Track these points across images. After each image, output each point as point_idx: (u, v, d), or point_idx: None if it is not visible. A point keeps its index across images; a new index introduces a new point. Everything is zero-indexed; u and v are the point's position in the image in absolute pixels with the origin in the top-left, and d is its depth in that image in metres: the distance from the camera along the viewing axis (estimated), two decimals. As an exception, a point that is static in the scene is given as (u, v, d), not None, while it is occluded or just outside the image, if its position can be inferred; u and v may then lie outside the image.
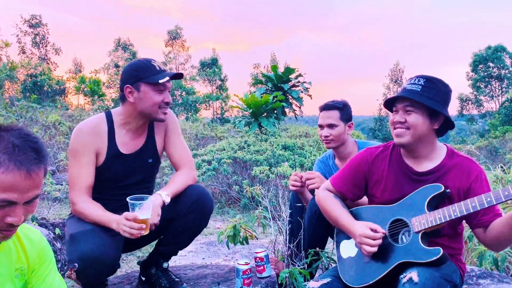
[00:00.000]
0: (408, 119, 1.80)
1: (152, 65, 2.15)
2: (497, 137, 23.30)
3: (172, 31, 43.07)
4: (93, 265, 1.87)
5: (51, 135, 10.70)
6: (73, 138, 2.15)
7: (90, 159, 2.14)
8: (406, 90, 1.81)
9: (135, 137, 2.25)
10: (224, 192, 8.25)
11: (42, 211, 5.20)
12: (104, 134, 2.18)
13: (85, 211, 2.06)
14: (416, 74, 1.86)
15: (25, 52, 35.90)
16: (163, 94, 2.15)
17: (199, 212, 2.20)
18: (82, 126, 2.18)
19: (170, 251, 2.31)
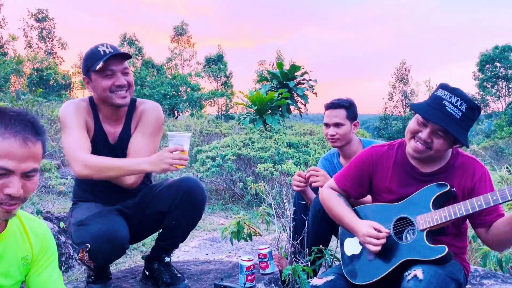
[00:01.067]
0: (435, 142, 1.72)
1: (98, 51, 2.11)
2: (503, 138, 23.17)
3: (178, 27, 43.07)
4: (107, 242, 1.90)
5: (57, 130, 10.75)
6: (62, 112, 2.16)
7: (81, 126, 2.13)
8: (445, 113, 1.67)
9: (112, 124, 2.26)
10: (228, 188, 8.26)
11: (46, 204, 5.23)
12: (90, 112, 2.21)
13: (101, 160, 2.01)
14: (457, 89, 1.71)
15: (31, 46, 36.01)
16: (112, 78, 2.10)
17: (190, 205, 2.18)
18: (66, 103, 2.21)
19: (169, 245, 2.32)
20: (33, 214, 4.22)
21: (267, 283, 2.33)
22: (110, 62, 2.10)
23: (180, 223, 2.22)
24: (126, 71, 2.15)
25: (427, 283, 1.52)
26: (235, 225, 2.75)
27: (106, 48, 2.13)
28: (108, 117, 2.24)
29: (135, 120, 2.28)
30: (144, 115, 2.27)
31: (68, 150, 2.06)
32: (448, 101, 1.69)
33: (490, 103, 39.70)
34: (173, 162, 1.91)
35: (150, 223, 2.28)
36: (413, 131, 1.79)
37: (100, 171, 2.00)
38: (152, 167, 1.95)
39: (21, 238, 1.38)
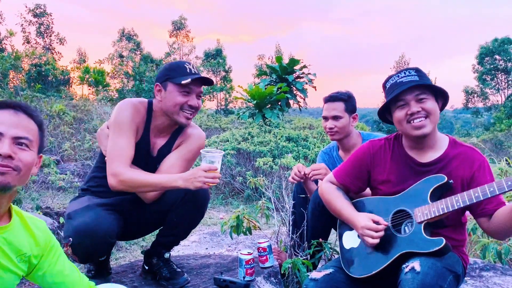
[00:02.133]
0: (425, 106, 1.78)
1: (184, 66, 2.16)
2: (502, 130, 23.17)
3: (176, 21, 42.88)
4: (87, 237, 1.90)
5: (56, 125, 10.74)
6: (117, 112, 2.16)
7: (132, 134, 2.15)
8: (409, 82, 1.80)
9: (158, 136, 2.27)
10: (227, 183, 8.27)
11: (46, 200, 5.24)
12: (144, 117, 2.22)
13: (135, 177, 2.04)
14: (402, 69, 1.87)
15: (29, 41, 35.85)
16: (187, 97, 2.14)
17: (192, 204, 2.18)
18: (126, 101, 2.21)
19: (170, 242, 2.32)
20: (33, 210, 4.23)
21: (267, 277, 2.34)
22: (192, 82, 2.13)
23: (182, 221, 2.22)
24: (200, 95, 2.20)
25: (424, 275, 1.52)
26: (234, 219, 2.76)
27: (192, 68, 2.18)
28: (159, 129, 2.25)
29: (179, 140, 2.29)
30: (189, 140, 2.29)
31: (110, 155, 2.10)
32: (399, 78, 1.84)
33: (489, 96, 39.63)
34: (206, 180, 1.97)
35: (151, 220, 2.28)
36: (402, 117, 1.82)
37: (134, 187, 2.07)
38: (186, 183, 1.99)
39: (24, 235, 1.41)
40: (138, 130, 2.20)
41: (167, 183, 2.03)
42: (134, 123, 2.16)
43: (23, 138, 1.32)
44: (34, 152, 1.37)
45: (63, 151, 8.77)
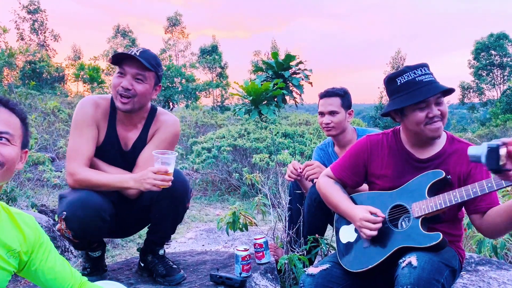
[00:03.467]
0: (442, 109, 1.77)
1: (129, 49, 2.09)
2: (498, 125, 23.26)
3: (171, 17, 42.74)
4: (80, 208, 1.91)
5: (50, 122, 10.69)
6: (77, 110, 2.14)
7: (92, 133, 2.12)
8: (431, 83, 1.74)
9: (128, 129, 2.22)
10: (224, 179, 8.27)
11: (41, 198, 5.21)
12: (106, 113, 2.17)
13: (90, 177, 2.02)
14: (412, 65, 1.81)
15: (23, 38, 35.66)
16: (122, 78, 2.06)
17: (169, 199, 2.12)
18: (86, 98, 2.19)
19: (160, 238, 2.30)
20: (28, 207, 4.20)
21: (263, 273, 2.33)
22: (127, 61, 2.04)
23: (164, 216, 2.19)
24: (139, 77, 2.06)
25: (421, 269, 1.52)
26: (230, 216, 2.75)
27: (138, 49, 2.08)
28: (123, 121, 2.20)
29: (152, 130, 2.23)
30: (162, 127, 2.23)
31: (68, 155, 2.09)
32: (418, 76, 1.77)
33: (485, 91, 39.75)
34: (155, 183, 1.92)
35: (138, 216, 2.25)
36: (422, 119, 1.77)
37: (89, 186, 2.04)
38: (137, 185, 1.97)
39: (13, 231, 1.38)
40: (100, 125, 2.16)
41: (119, 184, 2.01)
42: (93, 119, 2.12)
43: (3, 132, 1.30)
44: (16, 147, 1.34)
45: (58, 148, 8.72)
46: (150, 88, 2.12)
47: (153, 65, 2.09)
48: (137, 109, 2.14)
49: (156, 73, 2.12)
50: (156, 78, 2.15)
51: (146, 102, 2.17)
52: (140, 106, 2.14)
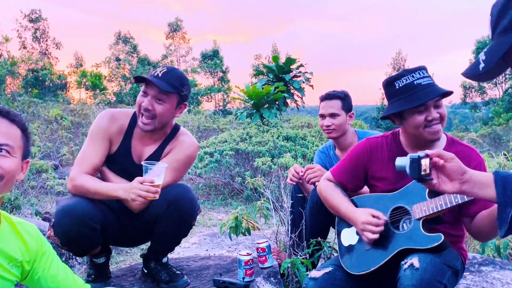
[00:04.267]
0: (441, 111, 1.79)
1: (156, 69, 2.13)
2: (501, 124, 23.20)
3: (172, 23, 42.91)
4: (66, 215, 1.94)
5: (53, 130, 10.73)
6: (95, 121, 2.20)
7: (103, 145, 2.15)
8: (429, 86, 1.75)
9: (145, 144, 2.24)
10: (227, 183, 8.27)
11: (45, 205, 5.23)
12: (123, 128, 2.21)
13: (85, 184, 2.05)
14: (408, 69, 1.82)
15: (25, 47, 35.87)
16: (144, 98, 2.09)
17: (177, 215, 2.10)
18: (106, 111, 2.23)
19: (163, 249, 2.31)
20: (32, 215, 4.22)
21: (266, 277, 2.34)
22: (151, 83, 2.06)
23: (168, 233, 2.18)
24: (160, 98, 2.07)
25: (423, 271, 1.52)
26: (233, 220, 2.75)
27: (160, 72, 2.09)
28: (143, 136, 2.22)
29: (169, 147, 2.24)
30: (178, 147, 2.22)
31: (75, 162, 2.15)
32: (416, 79, 1.77)
33: (487, 90, 39.69)
34: (139, 193, 1.89)
35: (141, 229, 2.24)
36: (421, 122, 1.78)
37: (86, 194, 2.07)
38: (125, 194, 1.97)
39: (15, 240, 1.39)
40: (114, 138, 2.19)
41: (110, 192, 2.03)
42: (107, 133, 2.17)
43: (3, 144, 1.29)
44: (17, 159, 1.34)
45: (61, 155, 8.75)
46: (171, 108, 2.14)
47: (175, 86, 2.09)
48: (159, 128, 2.17)
49: (179, 94, 2.13)
50: (179, 98, 2.15)
51: (168, 120, 2.19)
52: (162, 125, 2.17)
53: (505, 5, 1.08)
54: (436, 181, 1.29)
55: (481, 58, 1.13)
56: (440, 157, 1.28)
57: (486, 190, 1.21)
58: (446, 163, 1.27)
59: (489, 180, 1.21)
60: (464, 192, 1.26)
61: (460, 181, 1.25)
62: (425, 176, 1.28)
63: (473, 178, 1.24)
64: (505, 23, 1.07)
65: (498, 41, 1.10)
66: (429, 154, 1.29)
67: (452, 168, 1.26)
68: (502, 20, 1.09)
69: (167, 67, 2.15)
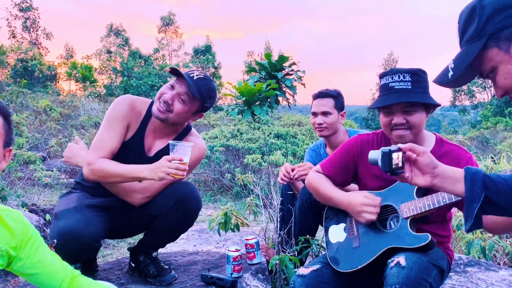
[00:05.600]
0: (410, 119, 1.79)
1: (191, 69, 2.13)
2: (489, 128, 23.45)
3: (165, 17, 42.61)
4: (71, 241, 1.87)
5: (42, 121, 10.60)
6: (114, 104, 2.15)
7: (121, 130, 2.12)
8: (399, 92, 1.77)
9: (158, 138, 2.22)
10: (216, 180, 8.26)
11: (32, 197, 5.17)
12: (141, 116, 2.18)
13: (105, 167, 2.00)
14: (394, 69, 1.81)
15: (15, 36, 35.31)
16: (168, 91, 2.08)
17: (182, 213, 2.13)
18: (126, 96, 2.20)
19: (157, 244, 2.29)
20: (18, 206, 4.17)
21: (254, 273, 2.34)
22: (182, 81, 2.06)
23: (170, 228, 2.18)
24: (183, 98, 2.08)
25: (409, 269, 1.54)
26: (222, 216, 2.75)
27: (198, 74, 2.11)
28: (156, 129, 2.20)
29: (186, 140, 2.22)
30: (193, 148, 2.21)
31: (91, 146, 2.10)
32: (392, 82, 1.79)
33: (476, 94, 40.16)
34: (169, 171, 1.89)
35: (139, 223, 2.23)
36: (386, 124, 1.84)
37: (104, 177, 2.02)
38: (151, 174, 1.94)
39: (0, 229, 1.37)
40: (130, 127, 2.16)
41: (134, 173, 1.98)
42: (126, 119, 2.13)
43: None
44: None
45: (49, 147, 8.66)
46: (188, 112, 2.14)
47: (203, 96, 2.10)
48: (169, 124, 2.16)
49: (202, 103, 2.14)
50: (200, 106, 2.16)
51: (181, 122, 2.19)
52: (173, 124, 2.16)
53: (470, 14, 1.12)
54: (408, 174, 1.32)
55: (450, 66, 1.17)
56: (412, 151, 1.31)
57: (456, 186, 1.23)
58: (418, 157, 1.29)
59: (459, 175, 1.22)
60: (435, 186, 1.28)
61: (432, 175, 1.27)
62: (397, 169, 1.31)
63: (444, 173, 1.26)
64: (471, 32, 1.12)
65: (465, 49, 1.14)
66: (401, 148, 1.32)
67: (423, 162, 1.28)
68: (468, 29, 1.13)
69: (205, 75, 2.15)
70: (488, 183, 1.14)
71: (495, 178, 1.15)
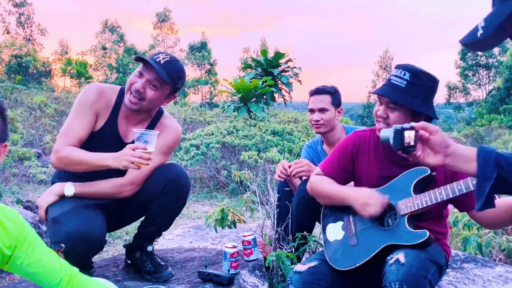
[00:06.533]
0: (391, 116, 1.79)
1: (158, 54, 2.10)
2: (483, 125, 23.60)
3: (160, 13, 42.46)
4: (81, 243, 1.86)
5: (37, 117, 10.54)
6: (81, 93, 2.13)
7: (89, 118, 2.10)
8: (391, 85, 1.78)
9: (132, 124, 2.20)
10: (212, 176, 8.25)
11: (27, 193, 5.14)
12: (110, 103, 2.16)
13: (71, 155, 1.99)
14: (403, 64, 1.81)
15: (9, 32, 35.07)
16: (138, 79, 2.05)
17: (175, 192, 2.14)
18: (94, 84, 2.17)
19: (152, 232, 2.28)
20: (13, 203, 4.14)
21: (251, 270, 2.34)
22: (150, 67, 2.04)
23: (164, 211, 2.19)
24: (154, 84, 2.05)
25: (409, 266, 1.54)
26: (219, 213, 2.74)
27: (162, 58, 2.07)
28: (128, 116, 2.18)
29: (159, 127, 2.22)
30: (166, 131, 2.21)
31: (59, 135, 2.08)
32: (393, 75, 1.80)
33: (471, 91, 40.37)
34: (132, 159, 1.87)
35: (132, 211, 2.23)
36: (375, 113, 1.88)
37: (70, 164, 2.02)
38: (115, 163, 1.92)
39: None
40: (101, 114, 2.14)
41: (99, 161, 1.97)
42: (94, 107, 2.11)
43: None
44: None
45: (44, 144, 8.61)
46: (161, 96, 2.12)
47: (172, 78, 2.07)
48: (143, 111, 2.15)
49: (173, 85, 2.12)
50: (172, 89, 2.14)
51: (154, 107, 2.18)
52: (147, 110, 2.15)
53: None
54: (420, 153, 1.31)
55: (480, 25, 1.12)
56: (425, 130, 1.30)
57: (468, 165, 1.22)
58: (431, 136, 1.29)
59: (472, 155, 1.21)
60: (447, 165, 1.27)
61: (444, 154, 1.26)
62: (408, 147, 1.30)
63: (457, 152, 1.25)
64: None
65: (497, 8, 1.10)
66: (414, 126, 1.31)
67: (435, 140, 1.28)
68: None
69: (170, 56, 2.12)
70: (501, 161, 1.13)
71: (508, 157, 1.14)
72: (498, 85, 30.69)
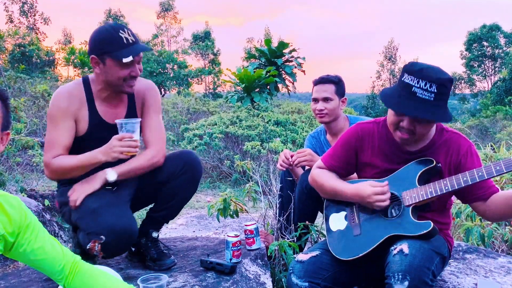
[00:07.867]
0: (418, 129, 1.71)
1: (120, 37, 2.00)
2: (488, 117, 23.44)
3: (164, 2, 42.21)
4: (122, 237, 1.92)
5: (40, 106, 10.55)
6: (51, 104, 2.12)
7: (68, 125, 2.09)
8: (418, 100, 1.62)
9: (114, 106, 2.20)
10: (215, 166, 8.26)
11: (31, 182, 5.17)
12: (83, 100, 2.14)
13: (62, 164, 2.01)
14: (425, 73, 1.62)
15: (12, 21, 35.01)
16: (129, 68, 2.04)
17: (191, 174, 2.21)
18: (59, 90, 2.14)
19: (162, 217, 2.30)
20: (17, 192, 4.16)
21: (253, 259, 2.34)
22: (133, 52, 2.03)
23: (177, 193, 2.22)
24: (139, 60, 2.10)
25: (413, 257, 1.53)
26: (221, 202, 2.74)
27: (128, 36, 2.02)
28: (107, 99, 2.17)
29: (138, 98, 2.23)
30: (149, 92, 2.24)
31: (44, 149, 2.09)
32: (417, 87, 1.63)
33: (476, 82, 40.08)
34: (121, 150, 1.92)
35: (145, 194, 2.26)
36: (394, 123, 1.76)
37: (65, 173, 2.04)
38: (105, 156, 1.95)
39: None
40: (80, 114, 2.11)
41: (91, 161, 1.99)
42: (69, 112, 2.08)
43: None
44: None
45: (48, 133, 8.63)
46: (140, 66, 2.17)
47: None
48: None
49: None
50: None
51: None
52: None
53: None
54: None
55: None
56: None
57: None
58: None
59: None
60: None
61: None
62: None
63: None
64: None
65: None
66: None
67: None
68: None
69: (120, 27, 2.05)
70: None
71: None
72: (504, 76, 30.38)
